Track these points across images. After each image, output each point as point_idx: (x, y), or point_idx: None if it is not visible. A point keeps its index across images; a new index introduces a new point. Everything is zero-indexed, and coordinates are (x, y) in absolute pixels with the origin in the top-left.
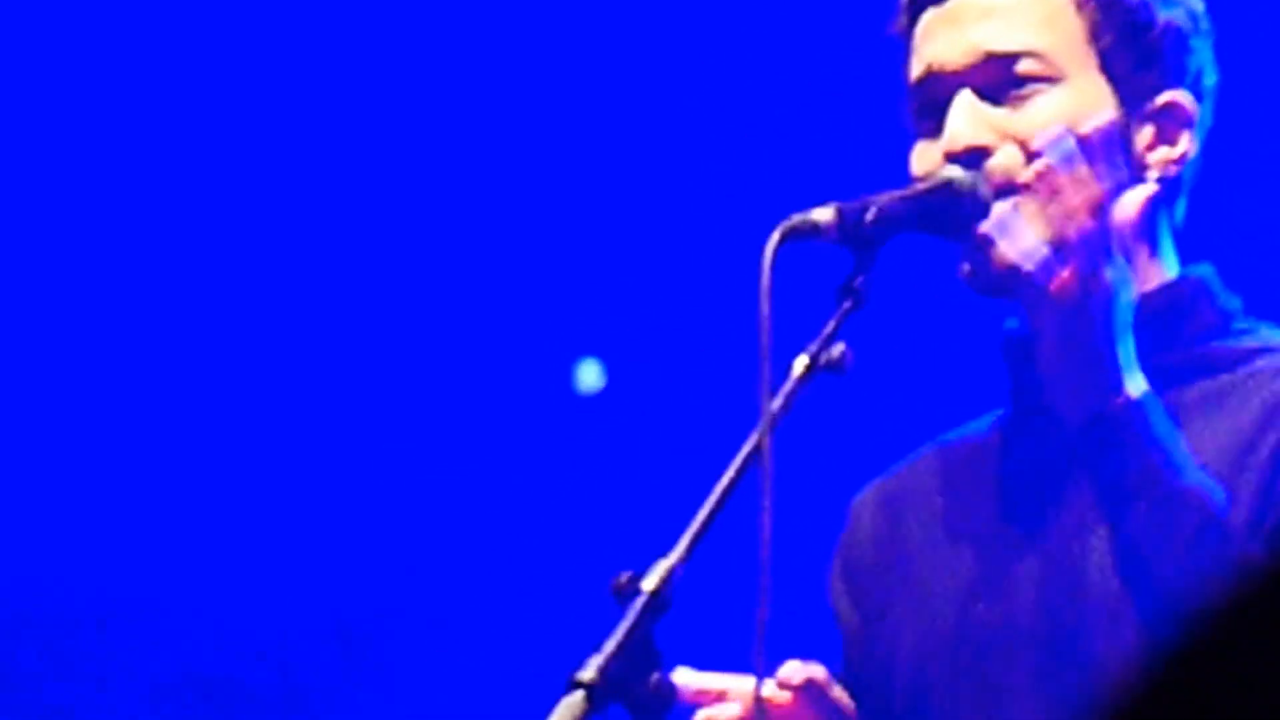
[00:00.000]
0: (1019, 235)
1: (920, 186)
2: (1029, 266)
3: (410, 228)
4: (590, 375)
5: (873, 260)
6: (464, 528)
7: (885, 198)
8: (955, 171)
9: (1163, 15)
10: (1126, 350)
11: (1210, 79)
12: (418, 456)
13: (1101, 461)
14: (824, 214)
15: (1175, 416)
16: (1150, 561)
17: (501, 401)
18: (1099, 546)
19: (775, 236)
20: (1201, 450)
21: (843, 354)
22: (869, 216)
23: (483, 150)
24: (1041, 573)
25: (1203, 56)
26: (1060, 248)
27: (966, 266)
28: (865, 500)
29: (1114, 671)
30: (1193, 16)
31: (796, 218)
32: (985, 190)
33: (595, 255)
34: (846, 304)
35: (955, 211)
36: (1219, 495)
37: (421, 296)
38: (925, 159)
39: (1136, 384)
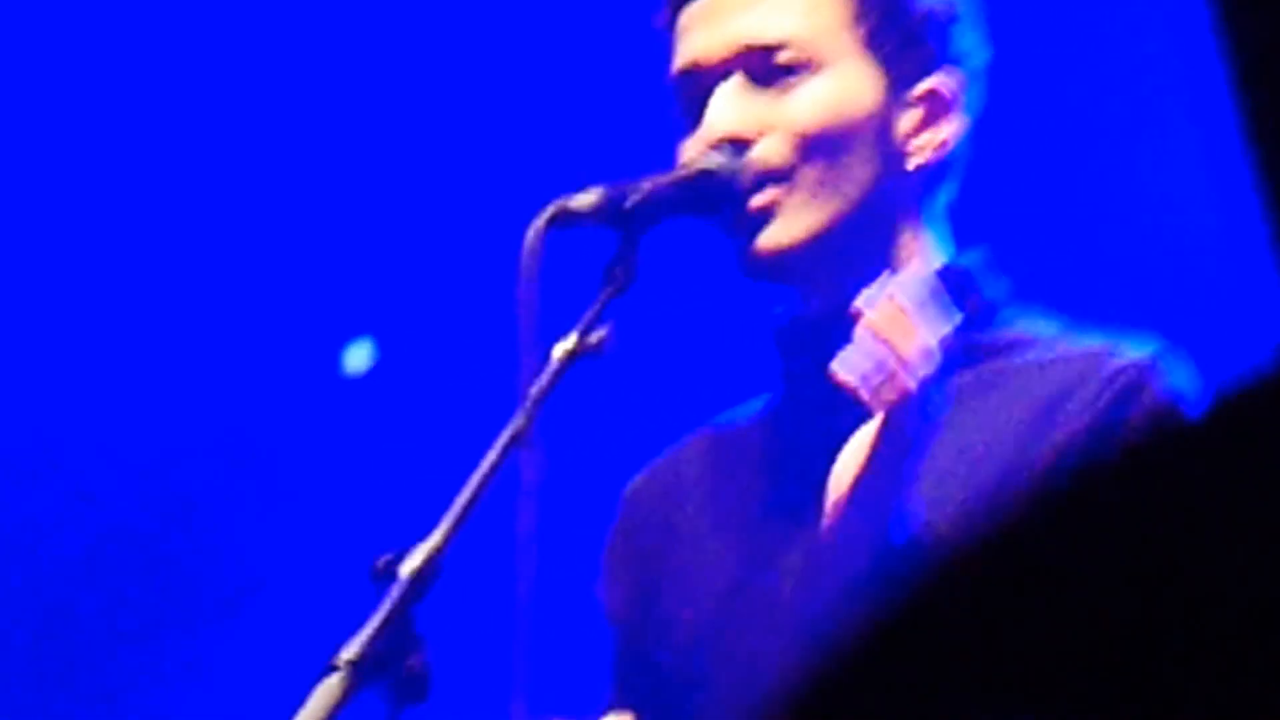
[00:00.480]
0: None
1: (679, 174)
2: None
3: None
4: (358, 357)
5: (636, 244)
6: (229, 504)
7: (648, 182)
8: (713, 160)
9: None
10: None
11: (978, 59)
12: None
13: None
14: (587, 198)
15: (959, 396)
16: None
17: (268, 382)
18: (866, 531)
19: (539, 220)
20: (972, 439)
21: (602, 339)
22: (631, 201)
23: (240, 137)
24: (808, 553)
25: (968, 39)
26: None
27: (735, 251)
28: (635, 489)
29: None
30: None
31: (560, 201)
32: (744, 176)
33: (364, 238)
34: (609, 288)
35: (715, 198)
36: None
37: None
38: (691, 149)
39: None
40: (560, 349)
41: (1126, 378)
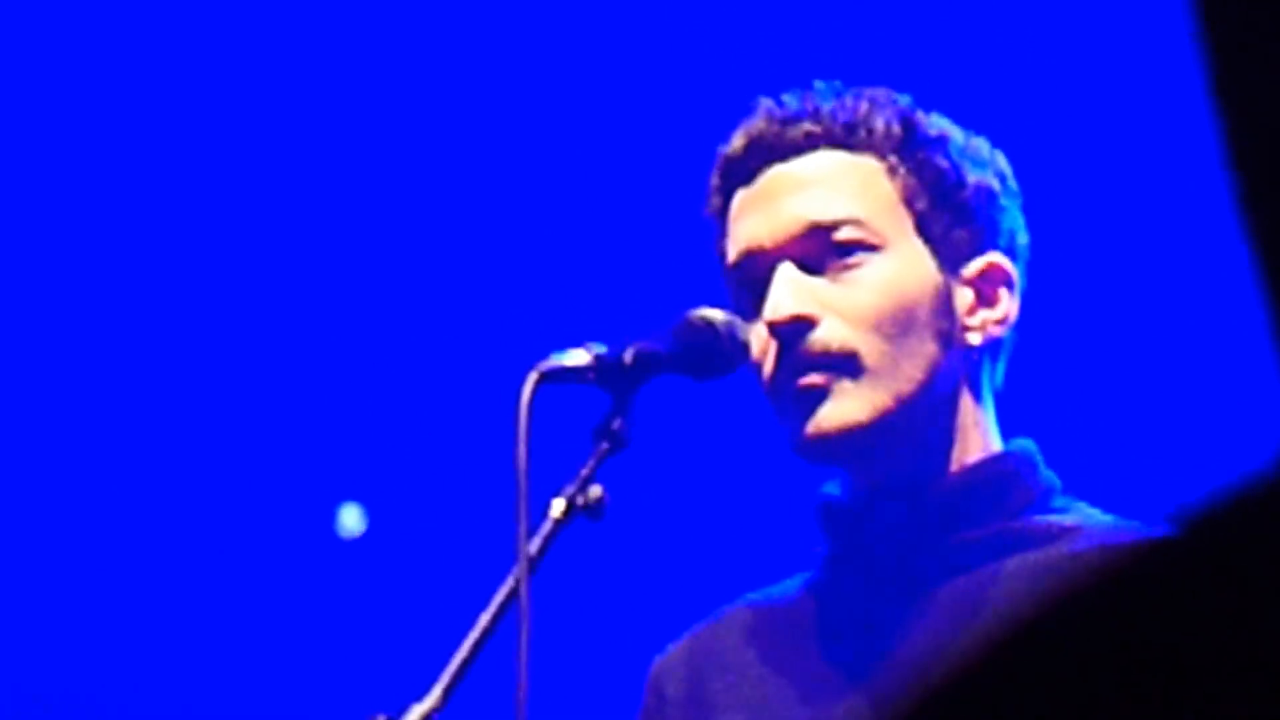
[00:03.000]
0: None
1: (678, 329)
2: None
3: (181, 370)
4: (351, 519)
5: (630, 402)
6: (222, 667)
7: (644, 341)
8: (713, 314)
9: (973, 176)
10: None
11: (1023, 239)
12: (175, 596)
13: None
14: (580, 356)
15: (993, 589)
16: None
17: (264, 544)
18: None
19: (531, 378)
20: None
21: (600, 497)
22: (626, 359)
23: (253, 277)
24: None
25: (1014, 217)
26: None
27: (790, 427)
28: (668, 663)
29: None
30: (1001, 177)
31: (551, 360)
32: (742, 331)
33: (353, 401)
34: (604, 446)
35: (713, 352)
36: None
37: (183, 438)
38: (759, 338)
39: None
40: (557, 507)
41: None
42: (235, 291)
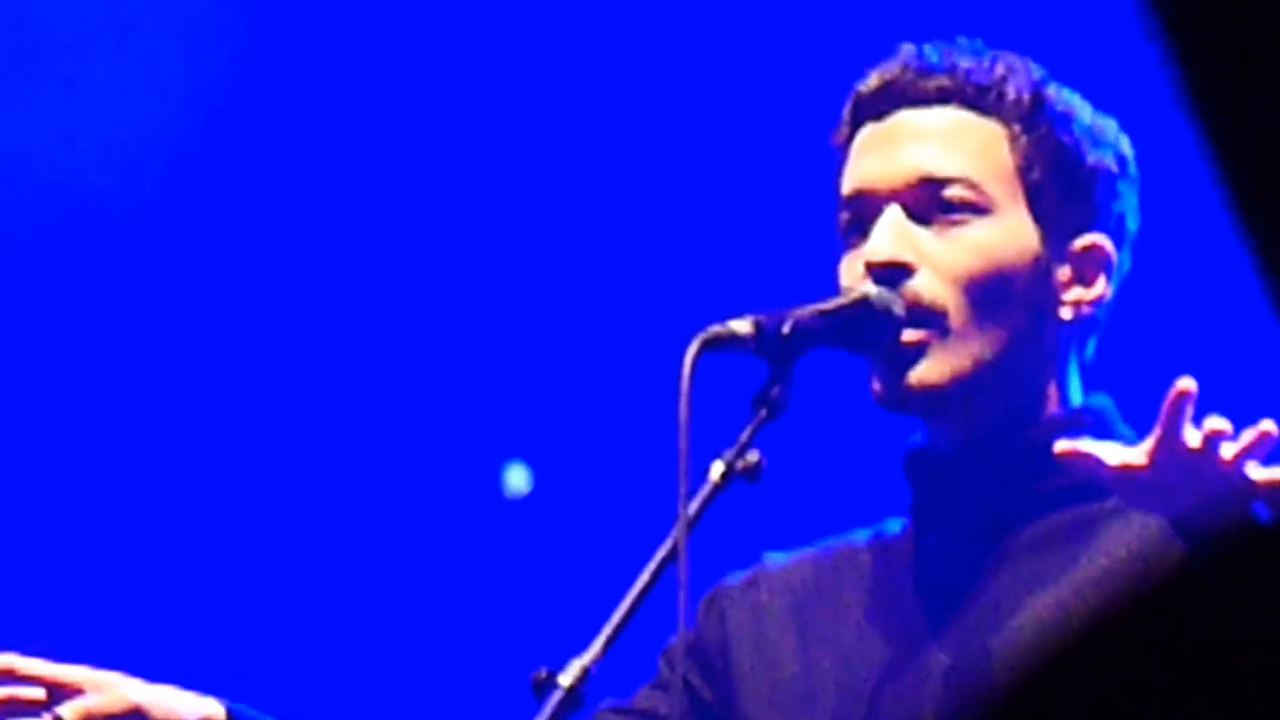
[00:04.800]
0: None
1: (835, 302)
2: None
3: (341, 332)
4: (517, 479)
5: (788, 371)
6: (391, 627)
7: (802, 311)
8: (870, 289)
9: (1092, 156)
10: None
11: (1133, 224)
12: (342, 557)
13: None
14: (742, 325)
15: (1068, 536)
16: None
17: (430, 504)
18: (1000, 645)
19: (694, 346)
20: (1095, 568)
21: (757, 462)
22: (785, 330)
23: (412, 247)
24: (947, 666)
25: (1128, 202)
26: None
27: (877, 384)
28: (732, 590)
29: None
30: (1121, 161)
31: (715, 328)
32: (897, 309)
33: (522, 361)
34: (762, 413)
35: (869, 329)
36: None
37: (349, 399)
38: (849, 270)
39: None
40: (716, 471)
41: None
42: (413, 250)
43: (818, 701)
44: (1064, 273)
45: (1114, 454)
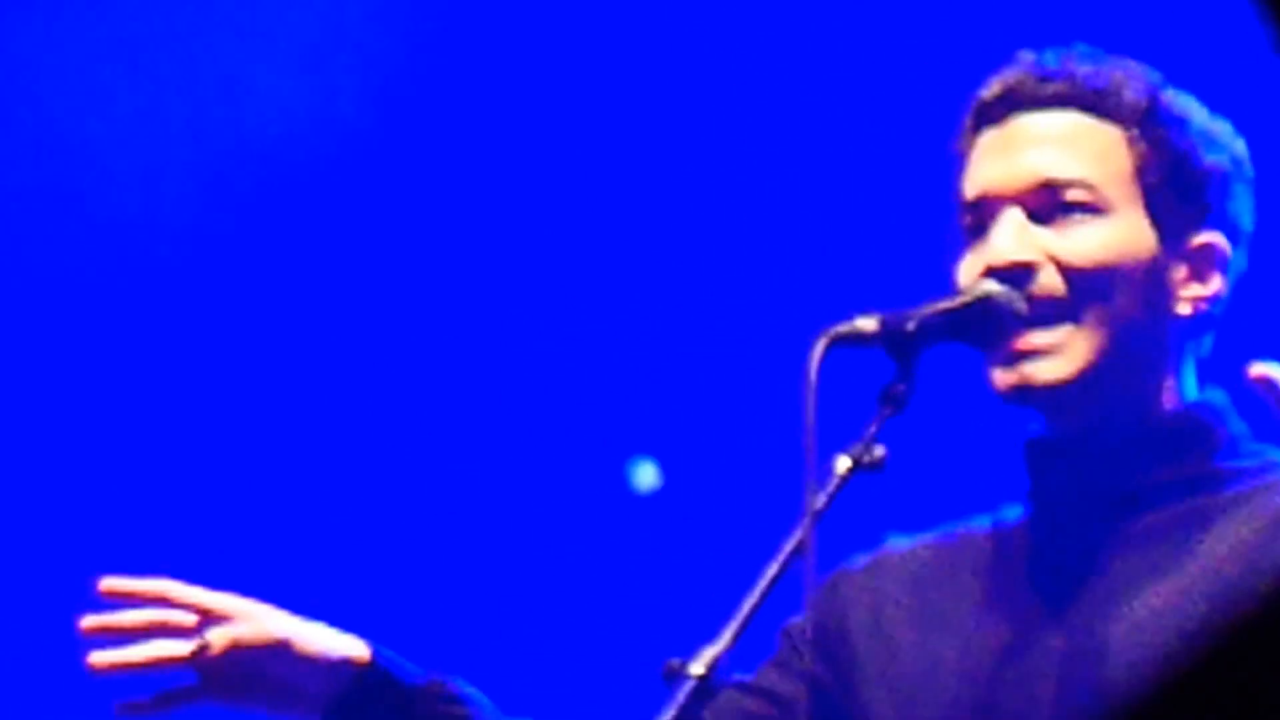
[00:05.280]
0: None
1: (959, 300)
2: None
3: (471, 329)
4: (647, 475)
5: (912, 367)
6: (524, 621)
7: (926, 309)
8: (993, 287)
9: (1209, 159)
10: None
11: (1248, 225)
12: (474, 552)
13: None
14: (868, 323)
15: (1182, 528)
16: None
17: (561, 500)
18: (1119, 632)
19: (821, 343)
20: (1212, 558)
21: (882, 455)
22: (909, 327)
23: (545, 250)
24: (1065, 651)
25: (1242, 203)
26: None
27: (1000, 378)
28: (854, 575)
29: None
30: (1237, 163)
31: (842, 326)
32: (1020, 306)
33: (649, 358)
34: (887, 409)
35: (992, 326)
36: None
37: (480, 396)
38: (970, 270)
39: None
40: (842, 464)
41: None
42: (545, 244)
43: (937, 689)
44: (1180, 271)
45: None
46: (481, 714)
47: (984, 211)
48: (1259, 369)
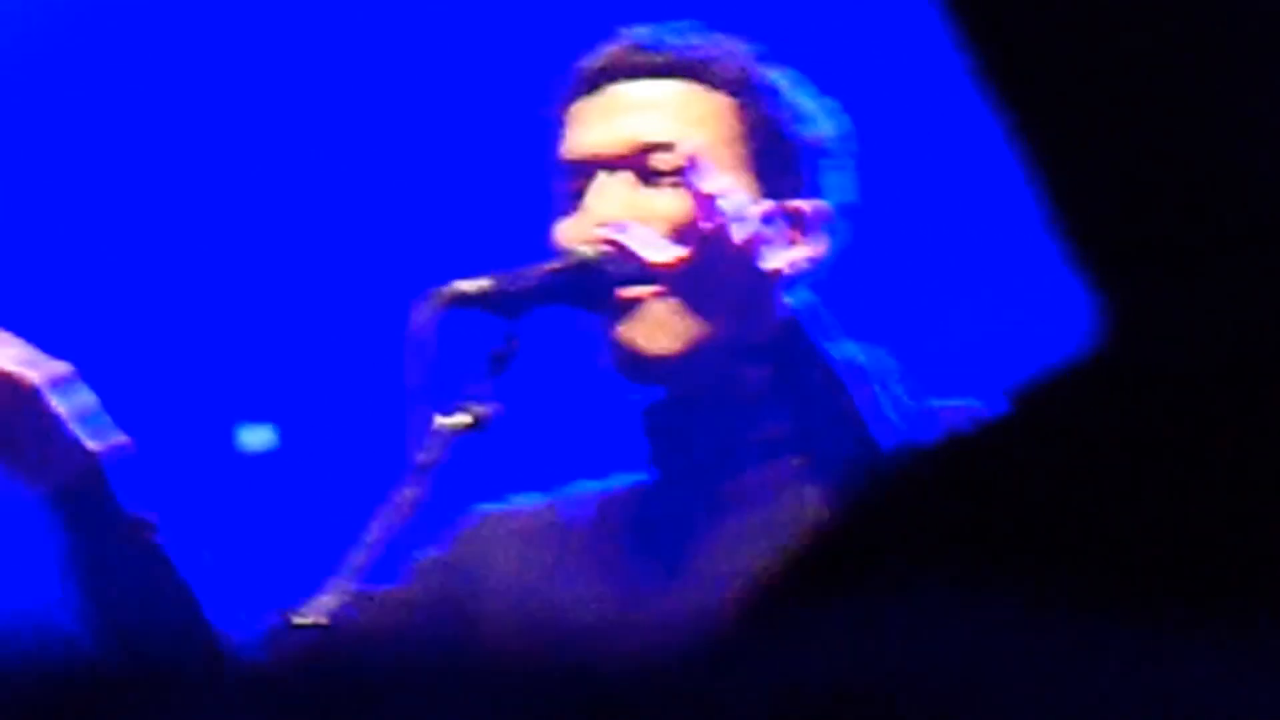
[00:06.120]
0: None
1: (560, 263)
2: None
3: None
4: (258, 436)
5: (515, 327)
6: None
7: (530, 271)
8: (587, 250)
9: (805, 131)
10: None
11: (847, 196)
12: None
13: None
14: (473, 284)
15: (789, 484)
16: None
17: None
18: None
19: (431, 304)
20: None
21: (485, 414)
22: (513, 288)
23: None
24: (669, 615)
25: (839, 175)
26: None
27: (612, 354)
28: (486, 527)
29: None
30: (836, 138)
31: (448, 287)
32: (616, 269)
33: (255, 318)
34: (494, 367)
35: (594, 288)
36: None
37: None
38: (568, 234)
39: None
40: (446, 423)
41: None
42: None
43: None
44: (780, 232)
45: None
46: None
47: (581, 175)
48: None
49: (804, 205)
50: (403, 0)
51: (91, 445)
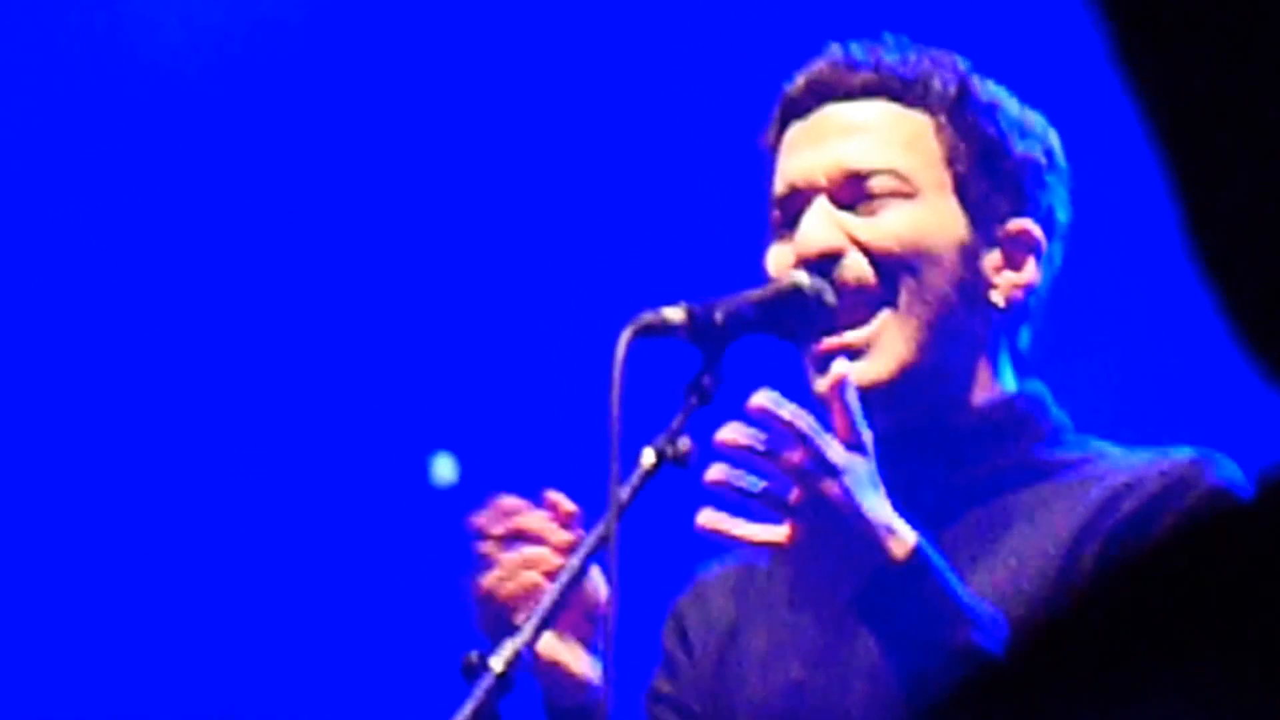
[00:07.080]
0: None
1: (768, 290)
2: None
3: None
4: (445, 469)
5: (720, 359)
6: (324, 613)
7: (735, 299)
8: (802, 277)
9: (1019, 147)
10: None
11: (1063, 216)
12: (277, 547)
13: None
14: (675, 313)
15: (1007, 520)
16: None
17: (360, 494)
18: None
19: (627, 333)
20: (1028, 551)
21: (688, 449)
22: (718, 317)
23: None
24: (872, 665)
25: (1056, 194)
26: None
27: (815, 380)
28: (716, 578)
29: None
30: (1049, 154)
31: (648, 315)
32: (829, 298)
33: (449, 350)
34: (693, 400)
35: (801, 316)
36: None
37: (285, 394)
38: (779, 260)
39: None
40: (647, 457)
41: (1179, 471)
42: (342, 243)
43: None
44: (994, 257)
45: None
46: None
47: (793, 204)
48: (759, 399)
49: (1015, 228)
50: (614, 21)
51: None
